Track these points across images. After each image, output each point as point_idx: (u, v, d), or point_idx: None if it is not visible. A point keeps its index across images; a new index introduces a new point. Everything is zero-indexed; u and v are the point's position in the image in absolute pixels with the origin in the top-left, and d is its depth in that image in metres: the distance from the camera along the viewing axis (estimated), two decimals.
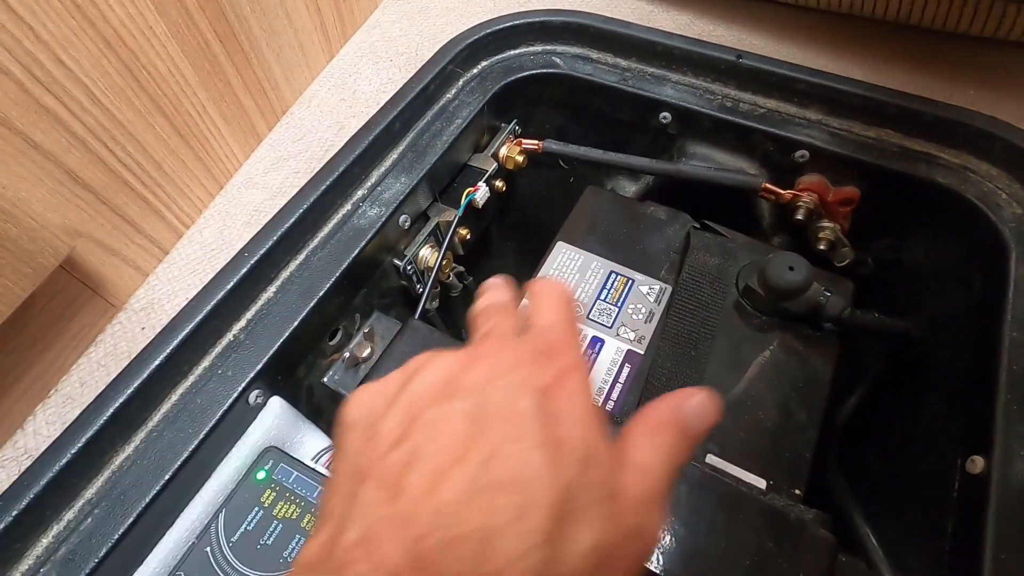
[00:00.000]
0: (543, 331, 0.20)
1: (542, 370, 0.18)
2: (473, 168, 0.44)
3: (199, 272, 0.34)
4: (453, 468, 0.15)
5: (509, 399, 0.17)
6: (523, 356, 0.18)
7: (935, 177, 0.35)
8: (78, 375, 0.31)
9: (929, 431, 0.33)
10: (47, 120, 0.28)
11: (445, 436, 0.16)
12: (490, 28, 0.45)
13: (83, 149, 0.29)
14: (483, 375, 0.18)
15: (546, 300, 0.22)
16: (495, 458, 0.16)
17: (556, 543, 0.15)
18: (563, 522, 0.15)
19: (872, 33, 0.42)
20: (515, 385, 0.17)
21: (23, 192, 0.27)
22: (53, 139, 0.28)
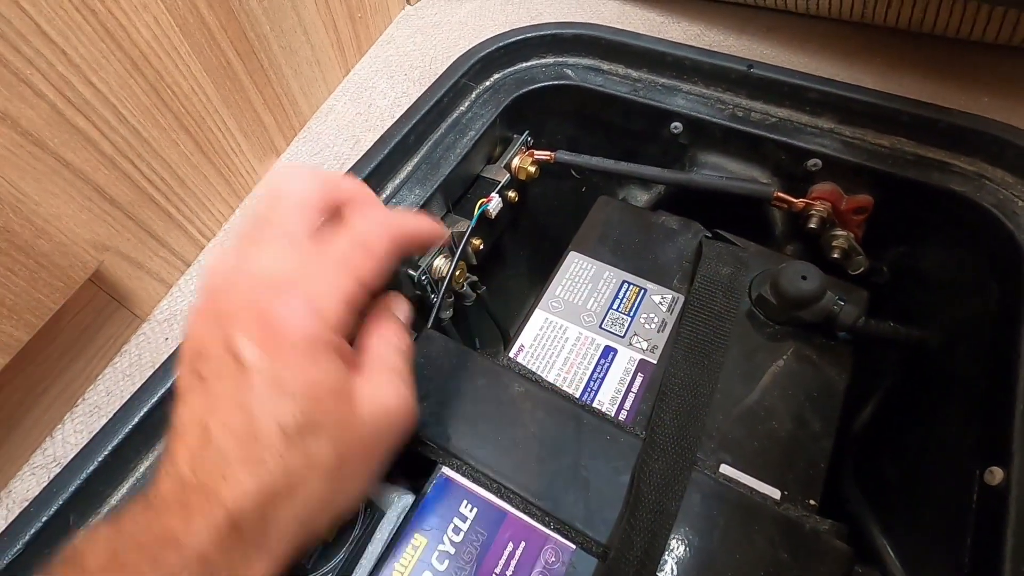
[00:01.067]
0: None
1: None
2: (486, 179, 0.44)
3: None
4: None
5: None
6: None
7: (950, 185, 0.35)
8: (105, 385, 0.32)
9: (946, 441, 0.33)
10: (78, 140, 0.29)
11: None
12: (502, 42, 0.45)
13: (111, 167, 0.31)
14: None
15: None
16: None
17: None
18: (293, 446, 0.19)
19: (884, 41, 0.42)
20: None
21: (55, 209, 0.28)
22: (83, 158, 0.29)
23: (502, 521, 0.30)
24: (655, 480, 0.29)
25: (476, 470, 0.31)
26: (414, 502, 0.31)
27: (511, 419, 0.32)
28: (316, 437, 0.20)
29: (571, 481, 0.30)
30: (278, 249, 0.21)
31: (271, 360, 0.19)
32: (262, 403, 0.19)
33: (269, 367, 0.19)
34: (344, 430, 0.21)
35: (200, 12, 0.34)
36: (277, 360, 0.19)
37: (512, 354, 0.36)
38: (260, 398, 0.19)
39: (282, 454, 0.19)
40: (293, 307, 0.20)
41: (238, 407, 0.19)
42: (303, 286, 0.20)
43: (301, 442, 0.19)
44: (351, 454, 0.21)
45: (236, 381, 0.19)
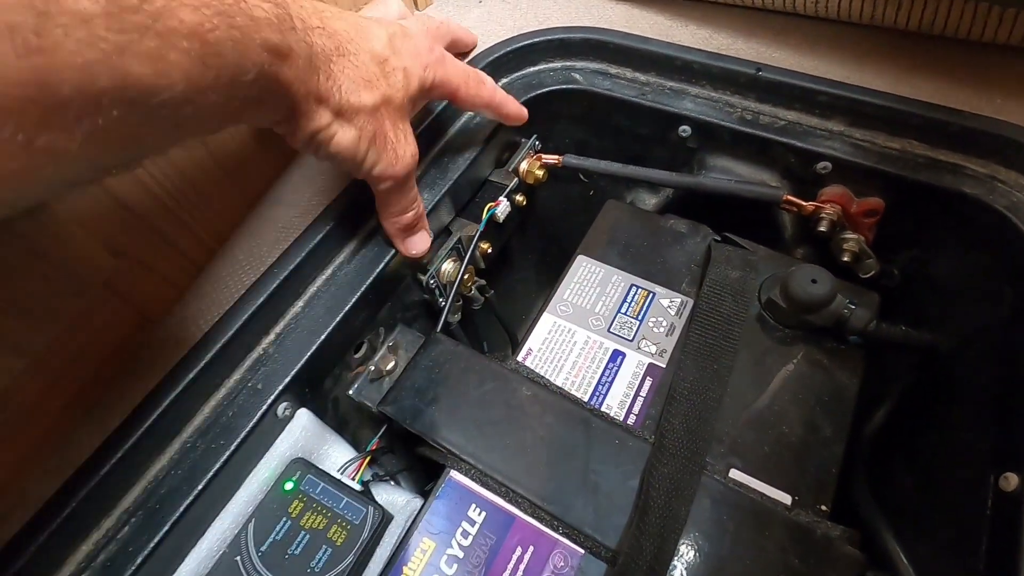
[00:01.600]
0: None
1: (404, 30, 0.33)
2: (494, 183, 0.45)
3: (230, 287, 0.36)
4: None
5: (385, 26, 0.32)
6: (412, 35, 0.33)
7: (962, 187, 0.35)
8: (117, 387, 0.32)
9: (960, 447, 0.32)
10: None
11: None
12: (510, 46, 0.46)
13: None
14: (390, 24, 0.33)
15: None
16: (366, 20, 0.32)
17: (370, 57, 0.30)
18: (380, 65, 0.30)
19: (895, 44, 0.42)
20: (396, 26, 0.33)
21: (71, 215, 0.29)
22: None
23: (511, 525, 0.30)
24: (664, 485, 0.28)
25: (484, 474, 0.31)
26: (422, 506, 0.31)
27: (519, 423, 0.32)
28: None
29: (580, 485, 0.30)
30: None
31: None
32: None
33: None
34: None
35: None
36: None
37: (520, 358, 0.36)
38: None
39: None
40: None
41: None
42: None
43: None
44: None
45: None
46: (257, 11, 0.22)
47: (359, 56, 0.29)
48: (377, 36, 0.30)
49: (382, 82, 0.30)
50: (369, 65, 0.29)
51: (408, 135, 0.33)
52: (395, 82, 0.31)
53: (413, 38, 0.33)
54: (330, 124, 0.28)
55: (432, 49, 0.33)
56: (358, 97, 0.29)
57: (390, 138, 0.31)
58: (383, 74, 0.30)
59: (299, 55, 0.25)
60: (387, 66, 0.30)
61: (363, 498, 0.32)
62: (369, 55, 0.30)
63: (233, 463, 0.31)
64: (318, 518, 0.31)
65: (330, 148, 0.29)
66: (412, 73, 0.32)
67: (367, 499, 0.32)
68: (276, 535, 0.30)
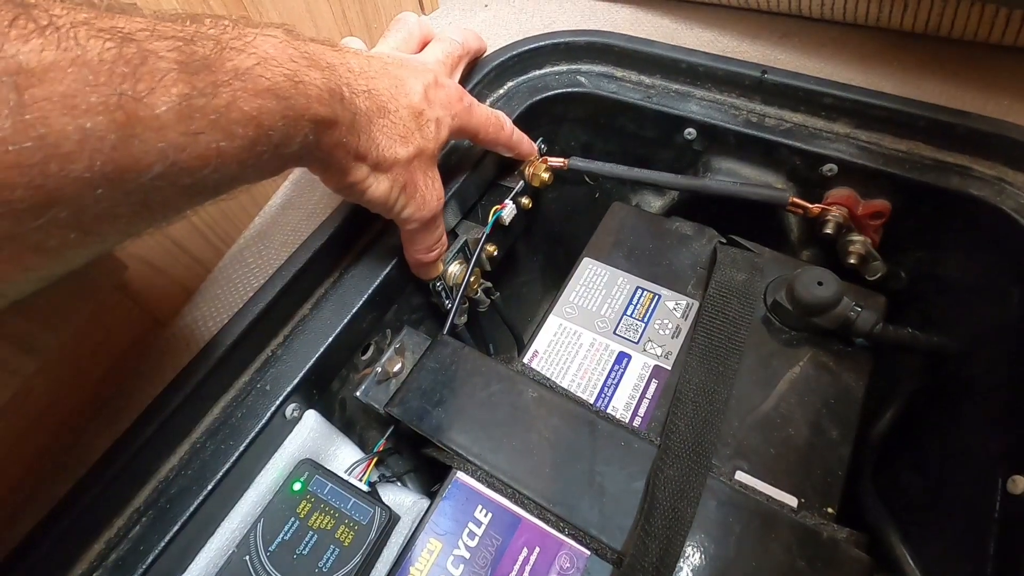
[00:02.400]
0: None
1: (438, 77, 0.34)
2: (500, 186, 0.45)
3: (240, 289, 0.36)
4: (376, 59, 0.31)
5: (418, 71, 0.33)
6: (434, 69, 0.35)
7: (969, 189, 0.35)
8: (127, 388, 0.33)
9: (967, 450, 0.32)
10: None
11: (376, 60, 0.31)
12: (516, 50, 0.46)
13: None
14: (415, 63, 0.34)
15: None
16: (405, 67, 0.32)
17: (409, 117, 0.31)
18: (416, 120, 0.31)
19: (901, 45, 0.42)
20: (423, 71, 0.33)
21: None
22: None
23: (517, 526, 0.30)
24: (670, 487, 0.28)
25: (490, 475, 0.31)
26: (429, 507, 0.31)
27: (525, 424, 0.32)
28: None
29: (586, 487, 0.30)
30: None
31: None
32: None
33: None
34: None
35: (212, 9, 0.34)
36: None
37: (526, 360, 0.36)
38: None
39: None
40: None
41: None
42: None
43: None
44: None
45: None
46: (311, 88, 0.24)
47: (398, 113, 0.30)
48: (414, 90, 0.31)
49: (416, 135, 0.31)
50: (407, 120, 0.31)
51: (436, 180, 0.34)
52: (428, 133, 0.32)
53: (446, 88, 0.34)
54: (367, 177, 0.29)
55: (462, 98, 0.35)
56: (394, 152, 0.30)
57: (420, 185, 0.32)
58: (418, 127, 0.31)
59: (343, 122, 0.26)
60: (422, 119, 0.31)
61: (370, 499, 0.32)
62: (408, 110, 0.31)
63: (242, 463, 0.31)
64: (326, 518, 0.31)
65: (364, 197, 0.30)
66: (443, 123, 0.33)
67: (374, 500, 0.32)
68: (285, 535, 0.31)
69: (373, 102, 0.29)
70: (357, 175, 0.29)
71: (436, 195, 0.34)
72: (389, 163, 0.30)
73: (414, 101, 0.31)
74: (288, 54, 0.23)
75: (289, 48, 0.23)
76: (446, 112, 0.33)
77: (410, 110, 0.31)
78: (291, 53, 0.23)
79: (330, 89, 0.25)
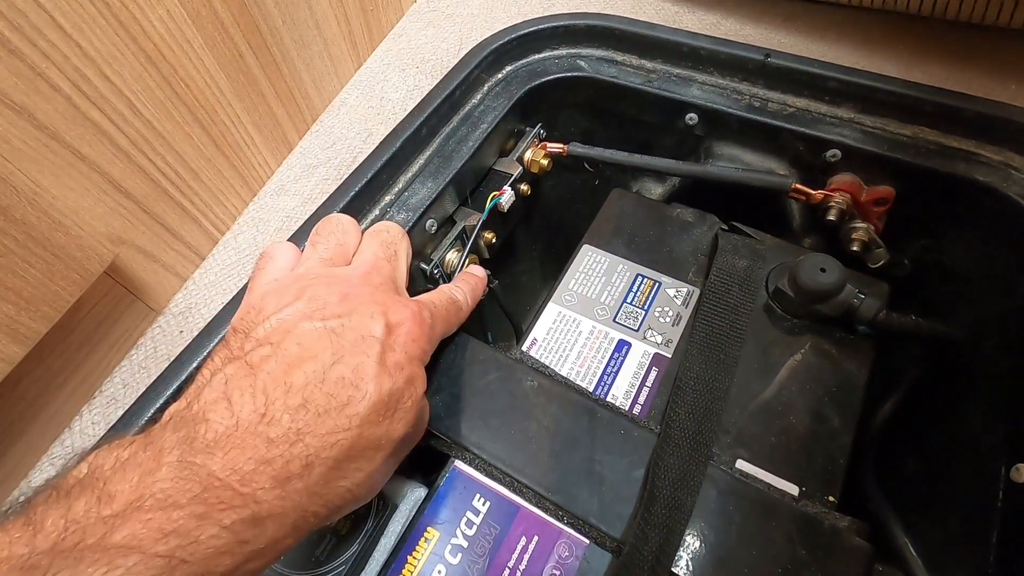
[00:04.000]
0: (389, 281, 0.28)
1: (392, 311, 0.25)
2: (498, 172, 0.44)
3: (234, 277, 0.35)
4: (306, 362, 0.21)
5: (364, 325, 0.23)
6: (380, 297, 0.25)
7: (975, 175, 0.34)
8: (121, 377, 0.32)
9: (970, 438, 0.32)
10: (93, 133, 0.29)
11: (306, 342, 0.22)
12: (515, 33, 0.45)
13: (126, 160, 0.31)
14: (351, 305, 0.24)
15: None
16: (340, 361, 0.22)
17: (372, 426, 0.22)
18: (383, 416, 0.22)
19: (907, 29, 0.41)
20: (370, 317, 0.24)
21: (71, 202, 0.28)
22: (99, 151, 0.29)
23: (515, 515, 0.29)
24: (670, 475, 0.28)
25: (489, 464, 0.30)
26: (427, 495, 0.31)
27: (524, 413, 0.32)
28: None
29: (585, 476, 0.29)
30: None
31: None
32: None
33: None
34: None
35: (213, 5, 0.34)
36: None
37: (525, 348, 0.35)
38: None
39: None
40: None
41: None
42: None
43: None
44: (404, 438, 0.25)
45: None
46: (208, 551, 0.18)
47: (352, 447, 0.22)
48: (365, 396, 0.23)
49: (384, 443, 0.24)
50: (369, 440, 0.23)
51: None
52: (399, 420, 0.25)
53: (401, 329, 0.25)
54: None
55: (420, 320, 0.26)
56: (361, 491, 0.24)
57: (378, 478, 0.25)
58: (386, 428, 0.24)
59: (281, 525, 0.20)
60: (387, 412, 0.24)
61: None
62: (364, 430, 0.23)
63: None
64: None
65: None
66: (414, 385, 0.25)
67: None
68: None
69: (313, 475, 0.20)
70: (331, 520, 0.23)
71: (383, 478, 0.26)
72: (365, 496, 0.24)
73: (371, 402, 0.22)
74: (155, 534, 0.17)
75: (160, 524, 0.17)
76: (413, 368, 0.25)
77: (367, 424, 0.22)
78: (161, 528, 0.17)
79: (242, 521, 0.18)
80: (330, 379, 0.21)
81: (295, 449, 0.20)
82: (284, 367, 0.21)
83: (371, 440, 0.22)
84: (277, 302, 0.24)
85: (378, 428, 0.23)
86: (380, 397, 0.22)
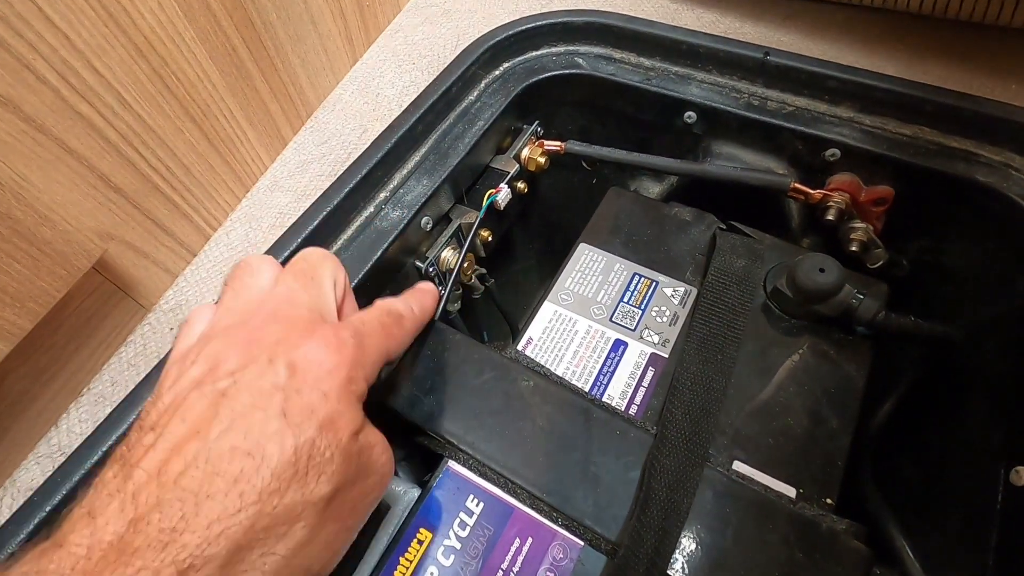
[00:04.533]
0: (295, 305, 0.23)
1: (298, 346, 0.21)
2: (495, 170, 0.44)
3: (225, 273, 0.35)
4: (189, 442, 0.18)
5: (262, 375, 0.20)
6: (285, 334, 0.21)
7: (975, 175, 0.34)
8: (109, 374, 0.32)
9: (970, 440, 0.32)
10: (81, 126, 0.28)
11: (192, 416, 0.19)
12: (512, 30, 0.45)
13: (115, 154, 0.30)
14: (251, 355, 0.20)
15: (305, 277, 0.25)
16: (231, 429, 0.18)
17: (278, 496, 0.18)
18: (292, 478, 0.18)
19: (907, 28, 0.41)
20: (268, 363, 0.20)
21: (58, 196, 0.28)
22: (87, 144, 0.29)
23: (509, 516, 0.29)
24: (666, 477, 0.28)
25: (483, 464, 0.30)
26: (420, 496, 0.30)
27: (519, 413, 0.31)
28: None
29: (580, 477, 0.29)
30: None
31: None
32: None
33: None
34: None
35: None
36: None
37: (520, 347, 0.35)
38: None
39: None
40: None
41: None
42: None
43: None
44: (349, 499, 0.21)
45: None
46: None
47: (265, 512, 0.19)
48: (276, 450, 0.19)
49: (300, 506, 0.20)
50: (288, 504, 0.20)
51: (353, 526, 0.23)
52: (321, 473, 0.20)
53: (311, 353, 0.21)
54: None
55: (340, 345, 0.22)
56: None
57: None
58: (301, 487, 0.20)
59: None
60: (301, 470, 0.20)
61: None
62: (275, 493, 0.19)
63: None
64: None
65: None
66: (343, 418, 0.21)
67: None
68: None
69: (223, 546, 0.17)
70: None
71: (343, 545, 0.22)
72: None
73: (272, 468, 0.18)
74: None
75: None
76: (331, 406, 0.21)
77: (270, 495, 0.18)
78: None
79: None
80: (216, 454, 0.18)
81: (165, 555, 0.16)
82: (164, 455, 0.18)
83: (281, 514, 0.18)
84: (176, 373, 0.21)
85: (288, 496, 0.18)
86: (284, 458, 0.18)
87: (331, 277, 0.26)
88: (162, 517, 0.17)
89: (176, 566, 0.16)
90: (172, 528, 0.17)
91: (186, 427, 0.18)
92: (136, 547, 0.16)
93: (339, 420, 0.20)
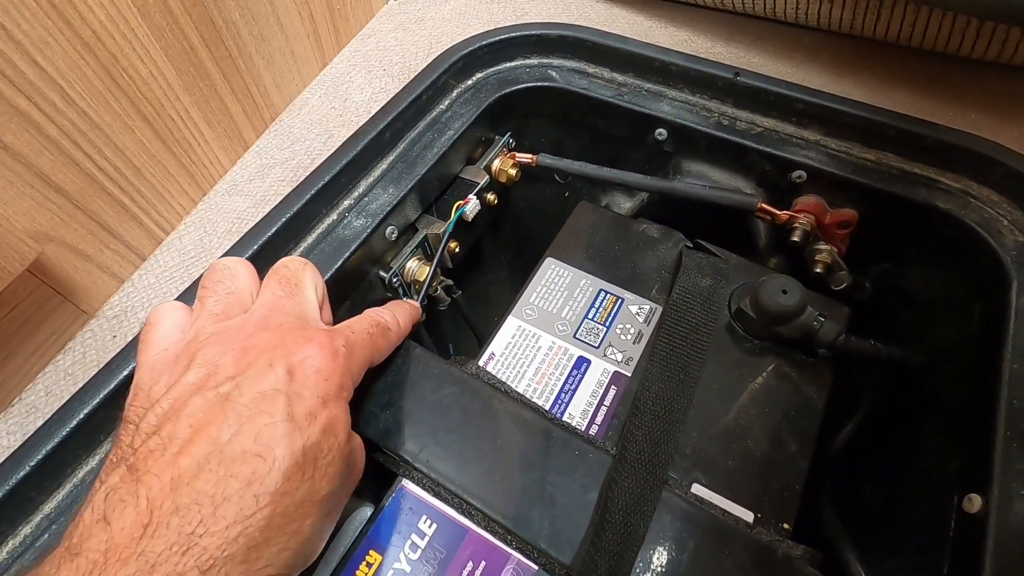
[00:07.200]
0: (288, 314, 0.24)
1: (294, 351, 0.21)
2: (464, 180, 0.43)
3: (176, 280, 0.33)
4: (198, 446, 0.18)
5: (262, 379, 0.20)
6: (280, 340, 0.22)
7: (935, 202, 0.34)
8: (44, 384, 0.30)
9: (926, 465, 0.32)
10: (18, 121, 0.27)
11: (199, 421, 0.19)
12: (486, 40, 0.44)
13: (56, 152, 0.29)
14: (248, 360, 0.21)
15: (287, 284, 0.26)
16: (240, 432, 0.19)
17: (288, 496, 0.19)
18: (302, 479, 0.20)
19: (873, 54, 0.41)
20: (268, 367, 0.21)
21: None
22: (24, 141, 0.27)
23: (463, 538, 0.28)
24: (624, 499, 0.27)
25: (437, 483, 0.29)
26: (371, 515, 0.29)
27: (477, 431, 0.30)
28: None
29: (536, 498, 0.28)
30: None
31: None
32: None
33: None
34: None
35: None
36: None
37: (482, 363, 0.34)
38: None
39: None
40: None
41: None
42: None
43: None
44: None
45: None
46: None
47: (278, 514, 0.20)
48: (279, 457, 0.20)
49: (307, 505, 0.21)
50: (296, 502, 0.21)
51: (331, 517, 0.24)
52: (322, 469, 0.22)
53: (309, 366, 0.22)
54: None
55: (335, 352, 0.23)
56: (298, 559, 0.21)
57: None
58: (309, 487, 0.21)
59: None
60: (306, 471, 0.21)
61: None
62: (282, 495, 0.20)
63: None
64: None
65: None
66: (336, 428, 0.22)
67: None
68: None
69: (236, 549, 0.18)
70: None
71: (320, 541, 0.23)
72: (299, 568, 0.21)
73: (283, 470, 0.19)
74: None
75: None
76: (329, 410, 0.22)
77: (281, 496, 0.19)
78: None
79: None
80: (228, 457, 0.18)
81: (187, 559, 0.17)
82: (173, 459, 0.18)
83: (291, 512, 0.19)
84: (168, 378, 0.21)
85: (297, 495, 0.19)
86: (294, 460, 0.19)
87: (313, 284, 0.26)
88: (181, 522, 0.17)
89: (199, 568, 0.17)
90: (191, 532, 0.17)
91: (192, 432, 0.19)
92: (158, 552, 0.17)
93: (336, 424, 0.22)
